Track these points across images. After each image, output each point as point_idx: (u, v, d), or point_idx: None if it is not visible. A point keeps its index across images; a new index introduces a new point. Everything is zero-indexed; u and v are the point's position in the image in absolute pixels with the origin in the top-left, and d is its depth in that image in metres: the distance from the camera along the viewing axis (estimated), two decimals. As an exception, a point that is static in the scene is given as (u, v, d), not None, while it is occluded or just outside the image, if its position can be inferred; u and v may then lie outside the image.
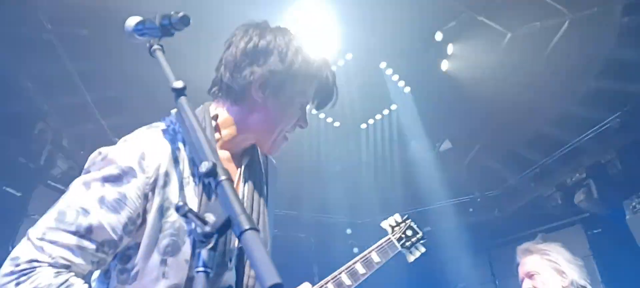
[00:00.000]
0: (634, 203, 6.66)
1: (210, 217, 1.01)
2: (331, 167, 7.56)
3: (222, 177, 1.04)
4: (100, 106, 6.16)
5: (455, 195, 7.90)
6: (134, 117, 6.57)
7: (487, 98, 6.39)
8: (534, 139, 7.00)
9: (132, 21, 1.44)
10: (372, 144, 7.40)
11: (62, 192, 1.47)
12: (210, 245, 1.00)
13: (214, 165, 1.05)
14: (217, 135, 1.64)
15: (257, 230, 0.95)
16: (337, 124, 7.21)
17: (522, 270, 2.87)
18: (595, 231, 7.15)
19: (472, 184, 7.82)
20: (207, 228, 1.00)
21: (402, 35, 6.10)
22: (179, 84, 1.30)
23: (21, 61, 5.46)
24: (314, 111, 6.51)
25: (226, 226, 0.99)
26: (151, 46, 1.41)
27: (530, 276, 2.80)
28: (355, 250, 8.19)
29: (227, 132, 1.66)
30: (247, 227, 0.95)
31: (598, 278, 6.94)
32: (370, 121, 7.23)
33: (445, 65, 6.17)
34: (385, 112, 7.10)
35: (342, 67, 6.38)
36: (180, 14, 1.40)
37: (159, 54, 1.40)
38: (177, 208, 1.02)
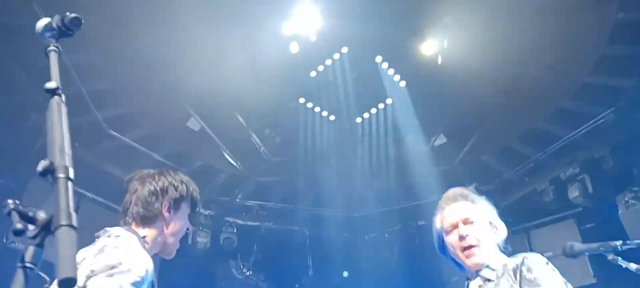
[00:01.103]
0: (626, 198, 6.70)
1: (40, 215, 1.04)
2: (326, 161, 7.57)
3: (60, 175, 1.06)
4: (94, 98, 6.13)
5: (449, 189, 7.92)
6: (129, 109, 6.56)
7: (482, 93, 6.41)
8: (529, 134, 7.03)
9: (41, 23, 1.50)
10: (367, 137, 7.41)
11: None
12: (36, 242, 1.02)
13: (51, 163, 1.08)
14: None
15: (73, 227, 0.97)
16: (332, 117, 7.21)
17: (454, 216, 2.41)
18: (588, 225, 7.19)
19: (466, 178, 7.84)
20: (34, 226, 1.03)
21: (397, 29, 6.11)
22: (51, 85, 1.34)
23: (15, 51, 5.43)
24: (309, 105, 6.50)
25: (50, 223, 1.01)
26: (46, 47, 1.46)
27: (468, 222, 2.37)
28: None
29: (154, 245, 2.29)
30: (62, 222, 0.96)
31: (590, 272, 6.99)
32: (366, 115, 7.24)
33: (440, 59, 6.18)
34: (381, 106, 7.11)
35: (337, 60, 6.39)
36: (72, 16, 1.45)
37: (52, 55, 1.45)
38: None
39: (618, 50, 5.70)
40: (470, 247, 2.31)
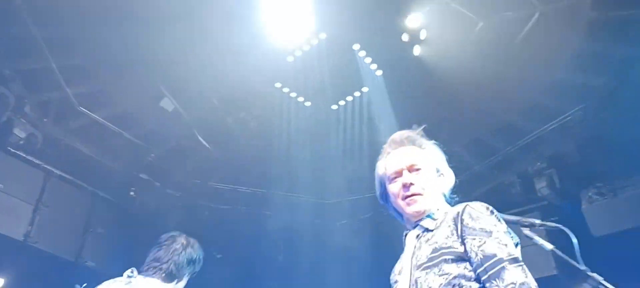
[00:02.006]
0: (590, 194, 6.93)
1: None
2: (300, 146, 7.57)
3: None
4: (65, 74, 5.99)
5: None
6: (101, 86, 6.43)
7: (456, 85, 6.49)
8: (500, 128, 7.16)
9: None
10: (342, 124, 7.44)
11: (22, 159, 1.48)
12: None
13: None
14: None
15: None
16: (308, 103, 7.21)
17: (398, 162, 2.19)
18: (552, 219, 7.40)
19: (437, 169, 7.96)
20: None
21: (376, 18, 6.12)
22: None
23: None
24: (286, 89, 6.46)
25: None
26: None
27: (413, 169, 2.15)
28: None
29: None
30: None
31: (552, 263, 7.21)
32: (341, 102, 7.25)
33: (417, 50, 6.23)
34: (356, 94, 7.13)
35: (315, 46, 6.37)
36: None
37: None
38: None
39: (590, 49, 5.84)
40: (413, 195, 2.11)
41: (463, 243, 1.88)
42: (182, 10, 5.62)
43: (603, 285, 2.50)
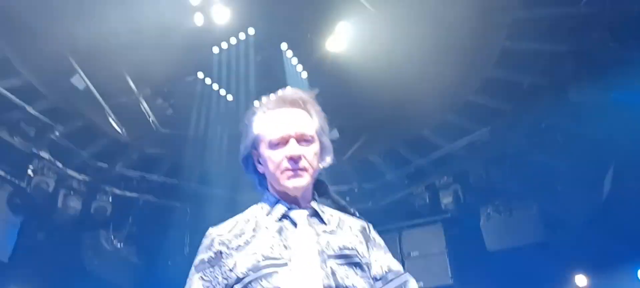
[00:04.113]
0: (488, 210, 7.45)
1: None
2: (217, 140, 7.41)
3: None
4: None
5: (334, 182, 8.16)
6: (5, 54, 5.89)
7: (377, 95, 6.67)
8: (414, 140, 7.48)
9: None
10: (263, 122, 7.37)
11: None
12: None
13: None
14: None
15: None
16: (229, 97, 7.07)
17: (287, 127, 1.83)
18: (453, 231, 7.85)
19: (352, 174, 8.14)
20: None
21: (306, 21, 6.15)
22: None
23: None
24: (208, 81, 6.28)
25: None
26: None
27: (303, 140, 1.83)
28: None
29: None
30: None
31: (449, 273, 7.66)
32: (264, 99, 7.18)
33: (343, 58, 6.33)
34: (280, 93, 7.08)
35: (242, 41, 6.28)
36: None
37: None
38: None
39: (501, 75, 6.26)
40: (299, 170, 1.81)
41: (370, 255, 1.85)
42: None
43: None
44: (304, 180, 1.81)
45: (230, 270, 1.72)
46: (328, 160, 1.94)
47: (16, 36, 5.74)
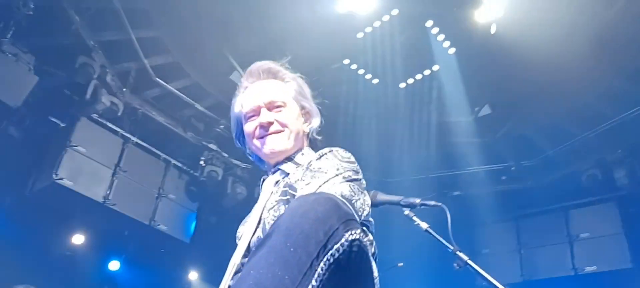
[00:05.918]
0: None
1: None
2: (366, 124, 7.52)
3: None
4: (144, 46, 6.22)
5: (489, 161, 7.81)
6: (175, 58, 6.63)
7: (532, 67, 6.21)
8: (575, 112, 6.82)
9: None
10: (410, 103, 7.30)
11: (104, 126, 1.52)
12: None
13: None
14: None
15: None
16: (375, 81, 7.12)
17: (256, 98, 1.87)
18: (630, 209, 7.03)
19: (507, 152, 7.71)
20: None
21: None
22: None
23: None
24: (353, 66, 6.38)
25: None
26: None
27: (273, 107, 1.86)
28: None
29: None
30: None
31: (628, 256, 6.87)
32: (410, 80, 7.11)
33: (494, 29, 5.99)
34: (427, 72, 6.96)
35: (386, 22, 6.25)
36: None
37: None
38: None
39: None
40: (270, 134, 1.83)
41: None
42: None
43: (469, 264, 2.58)
44: (278, 143, 1.83)
45: None
46: (315, 122, 1.97)
47: (186, 43, 6.43)
